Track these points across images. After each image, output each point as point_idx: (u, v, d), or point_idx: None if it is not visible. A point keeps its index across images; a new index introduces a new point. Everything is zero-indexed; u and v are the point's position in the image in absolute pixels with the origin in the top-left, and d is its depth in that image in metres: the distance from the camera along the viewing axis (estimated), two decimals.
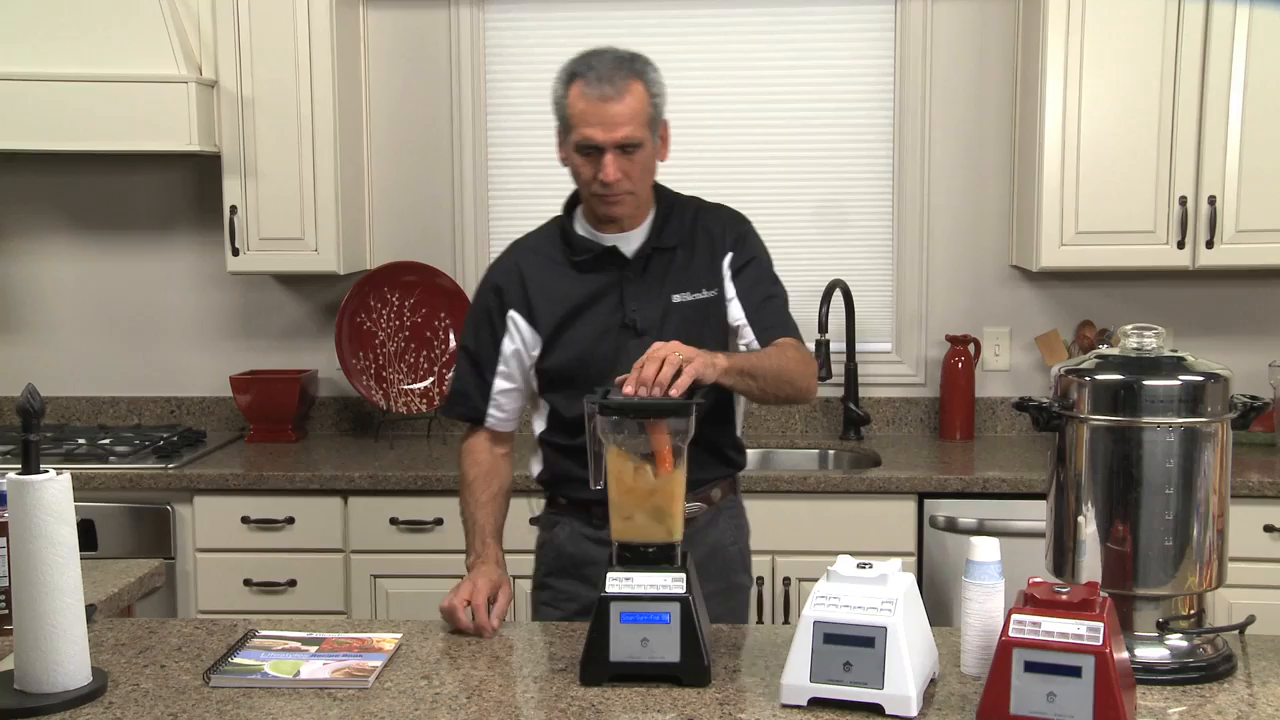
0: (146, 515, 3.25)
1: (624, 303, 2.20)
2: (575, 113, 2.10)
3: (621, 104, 2.08)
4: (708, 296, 2.22)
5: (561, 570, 2.30)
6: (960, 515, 3.12)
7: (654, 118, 2.15)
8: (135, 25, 3.28)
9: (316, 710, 1.68)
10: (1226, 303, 3.65)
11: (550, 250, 2.26)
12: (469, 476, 2.28)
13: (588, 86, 2.08)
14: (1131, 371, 1.78)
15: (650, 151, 2.17)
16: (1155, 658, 1.77)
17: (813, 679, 1.64)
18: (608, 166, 2.09)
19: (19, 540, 1.67)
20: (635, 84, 2.10)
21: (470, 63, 3.72)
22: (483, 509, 2.24)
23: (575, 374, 2.19)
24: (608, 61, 2.11)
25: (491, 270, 2.32)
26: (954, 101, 3.66)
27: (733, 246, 2.26)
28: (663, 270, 2.22)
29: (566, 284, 2.22)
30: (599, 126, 2.08)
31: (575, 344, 2.20)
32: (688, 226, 2.26)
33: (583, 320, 2.20)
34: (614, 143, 2.09)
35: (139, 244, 3.82)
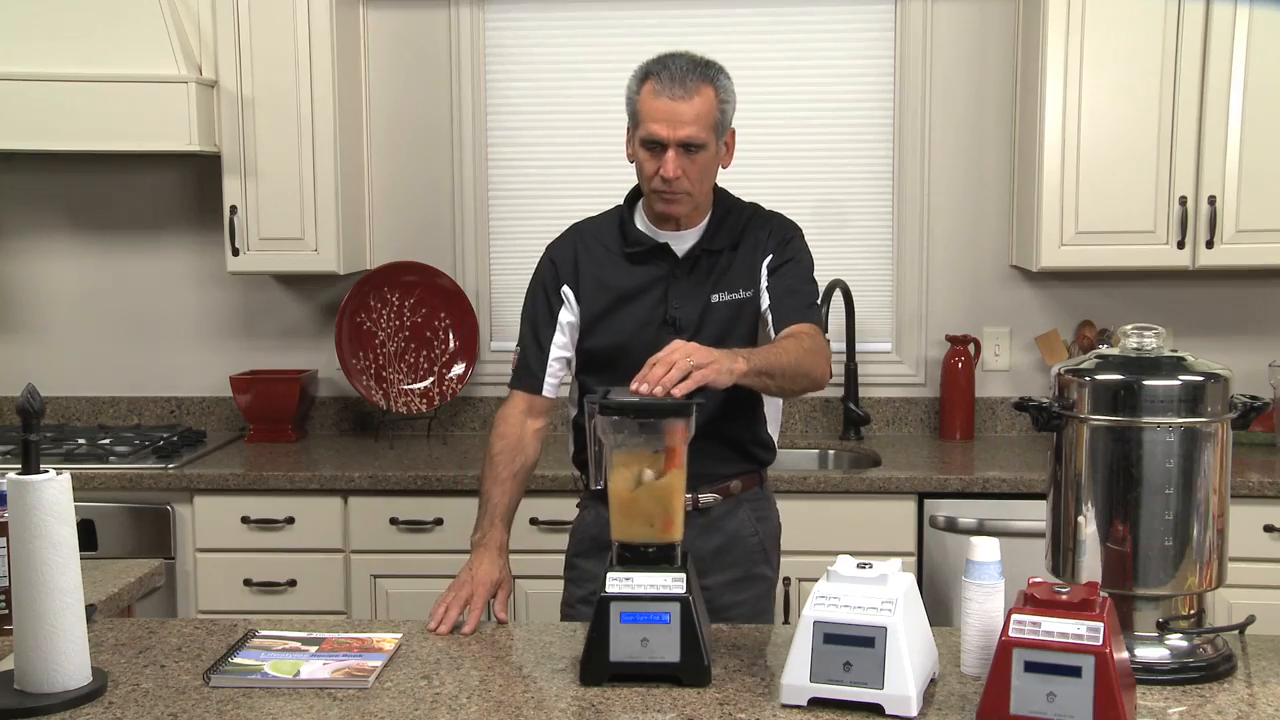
0: (146, 515, 3.25)
1: (668, 299, 2.26)
2: (644, 109, 2.18)
3: (689, 104, 2.15)
4: (744, 297, 2.28)
5: (586, 551, 2.37)
6: (960, 515, 3.12)
7: (720, 123, 2.21)
8: (135, 25, 3.28)
9: (316, 710, 1.68)
10: (1226, 303, 3.65)
11: (606, 238, 2.33)
12: (494, 449, 2.30)
13: (659, 85, 2.16)
14: (1131, 371, 1.78)
15: (712, 155, 2.23)
16: (1155, 658, 1.77)
17: (813, 679, 1.64)
18: (668, 163, 2.16)
19: (19, 540, 1.67)
20: (706, 88, 2.17)
21: (470, 63, 3.72)
22: (499, 485, 2.26)
23: (611, 360, 2.26)
24: (682, 64, 2.18)
25: (550, 247, 2.40)
26: (954, 101, 3.66)
27: (774, 249, 2.32)
28: (708, 271, 2.28)
29: (616, 273, 2.29)
30: (664, 123, 2.15)
31: (615, 332, 2.28)
32: (740, 231, 2.32)
33: (626, 310, 2.28)
34: (677, 140, 2.16)
35: (139, 244, 3.82)
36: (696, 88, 2.16)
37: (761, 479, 2.41)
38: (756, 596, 2.34)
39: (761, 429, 2.36)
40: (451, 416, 3.78)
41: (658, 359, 1.86)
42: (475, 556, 2.18)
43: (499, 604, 2.12)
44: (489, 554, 2.18)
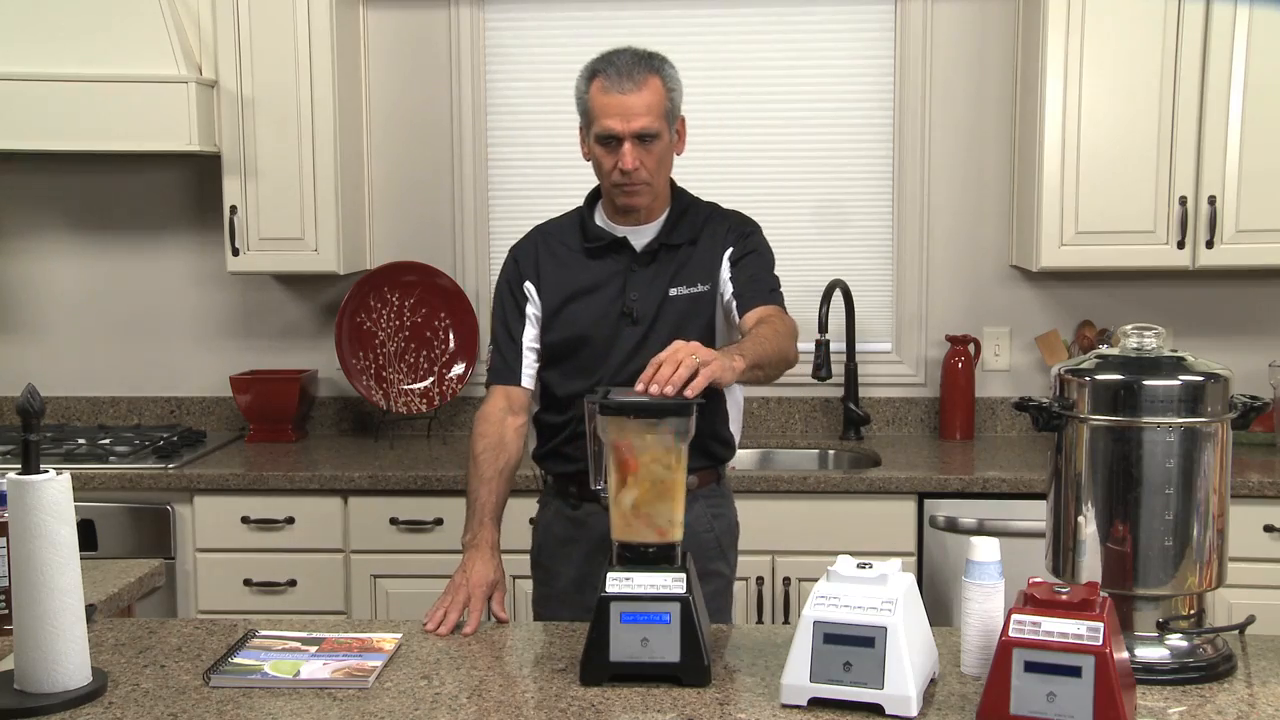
0: (146, 515, 3.25)
1: (625, 292, 2.30)
2: (596, 106, 2.23)
3: (639, 96, 2.20)
4: (701, 290, 2.32)
5: (548, 549, 2.41)
6: (960, 515, 3.12)
7: (671, 111, 2.26)
8: (135, 25, 3.28)
9: (316, 710, 1.68)
10: (1226, 303, 3.65)
11: (567, 236, 2.39)
12: (476, 449, 2.32)
13: (608, 81, 2.21)
14: (1131, 371, 1.78)
15: (667, 144, 2.28)
16: (1155, 658, 1.77)
17: (813, 679, 1.64)
18: (626, 155, 2.21)
19: (19, 540, 1.67)
20: (653, 79, 2.23)
21: (470, 63, 3.72)
22: (485, 485, 2.28)
23: (570, 352, 2.32)
24: (627, 58, 2.23)
25: (513, 248, 2.46)
26: (954, 101, 3.66)
27: (734, 242, 2.35)
28: (667, 265, 2.32)
29: (575, 268, 2.34)
30: (618, 117, 2.20)
31: (574, 324, 2.32)
32: (699, 226, 2.36)
33: (584, 303, 2.32)
34: (632, 132, 2.21)
35: (139, 244, 3.82)
36: (644, 79, 2.21)
37: (719, 476, 2.42)
38: (713, 593, 2.33)
39: (723, 426, 2.39)
40: (451, 416, 3.78)
41: (663, 359, 1.87)
42: (468, 557, 2.19)
43: (496, 603, 2.13)
44: (482, 554, 2.19)
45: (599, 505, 2.32)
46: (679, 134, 2.33)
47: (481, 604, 2.10)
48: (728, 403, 2.37)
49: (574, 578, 2.35)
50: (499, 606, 2.13)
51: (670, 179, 2.37)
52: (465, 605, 2.08)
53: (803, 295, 3.70)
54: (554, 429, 2.37)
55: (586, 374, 2.31)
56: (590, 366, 2.31)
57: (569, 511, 2.38)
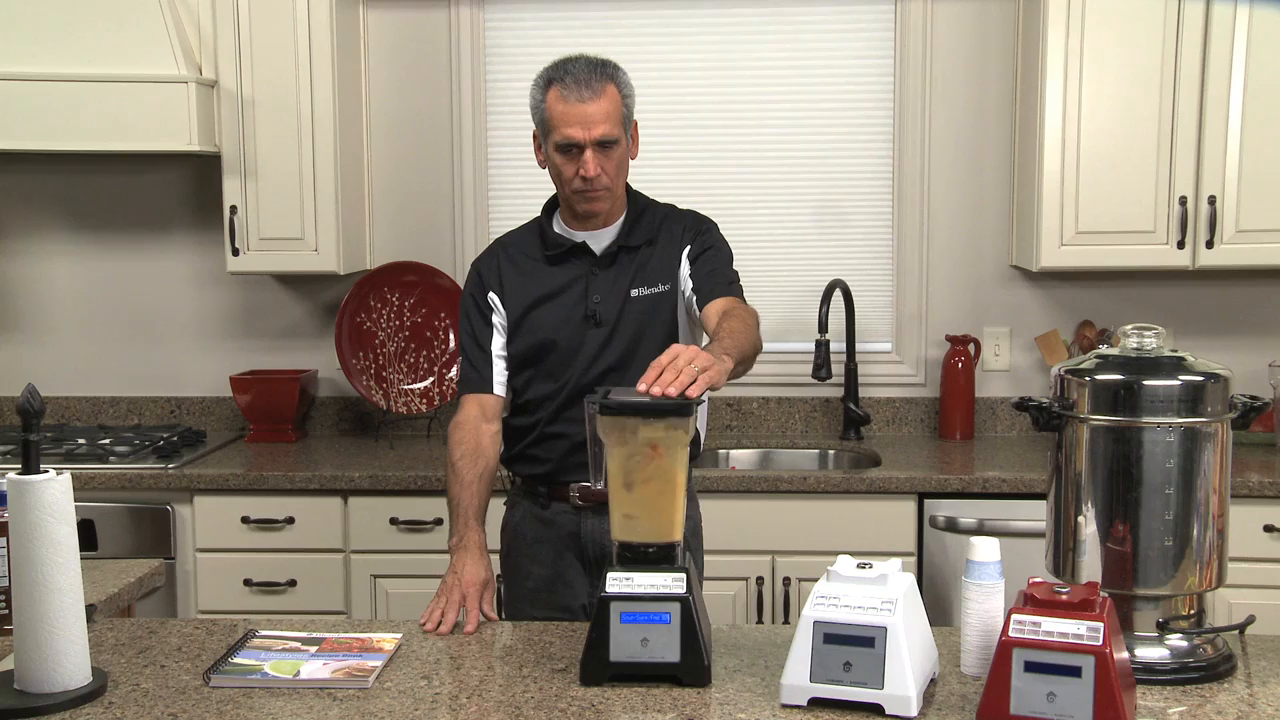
0: (146, 515, 3.25)
1: (588, 295, 2.33)
2: (555, 115, 2.24)
3: (598, 104, 2.23)
4: (662, 290, 2.35)
5: (518, 549, 2.43)
6: (960, 515, 3.12)
7: (626, 117, 2.30)
8: (135, 25, 3.28)
9: (316, 710, 1.68)
10: (1226, 303, 3.65)
11: (527, 246, 2.42)
12: (454, 457, 2.35)
13: (565, 89, 2.23)
14: (1131, 371, 1.78)
15: (624, 149, 2.31)
16: (1155, 658, 1.77)
17: (813, 679, 1.64)
18: (588, 162, 2.24)
19: (19, 540, 1.67)
20: (609, 86, 2.26)
21: (470, 63, 3.72)
22: (466, 489, 2.30)
23: (536, 357, 2.35)
24: (581, 66, 2.26)
25: (475, 262, 2.49)
26: (954, 101, 3.66)
27: (691, 240, 2.38)
28: (627, 267, 2.35)
29: (537, 275, 2.37)
30: (578, 125, 2.22)
31: (539, 330, 2.35)
32: (656, 227, 2.39)
33: (548, 308, 2.35)
34: (593, 140, 2.23)
35: (139, 244, 3.82)
36: (602, 88, 2.23)
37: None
38: None
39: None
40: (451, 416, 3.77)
41: (663, 363, 1.86)
42: (457, 559, 2.20)
43: (486, 604, 2.15)
44: (471, 555, 2.20)
45: (567, 505, 2.36)
46: (633, 138, 2.36)
47: (477, 602, 2.11)
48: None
49: (545, 577, 2.37)
50: (489, 607, 2.14)
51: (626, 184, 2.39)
52: (461, 605, 2.09)
53: (803, 295, 3.72)
54: (521, 431, 2.39)
55: (553, 377, 2.34)
56: (557, 370, 2.34)
57: (538, 511, 2.39)
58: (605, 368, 2.32)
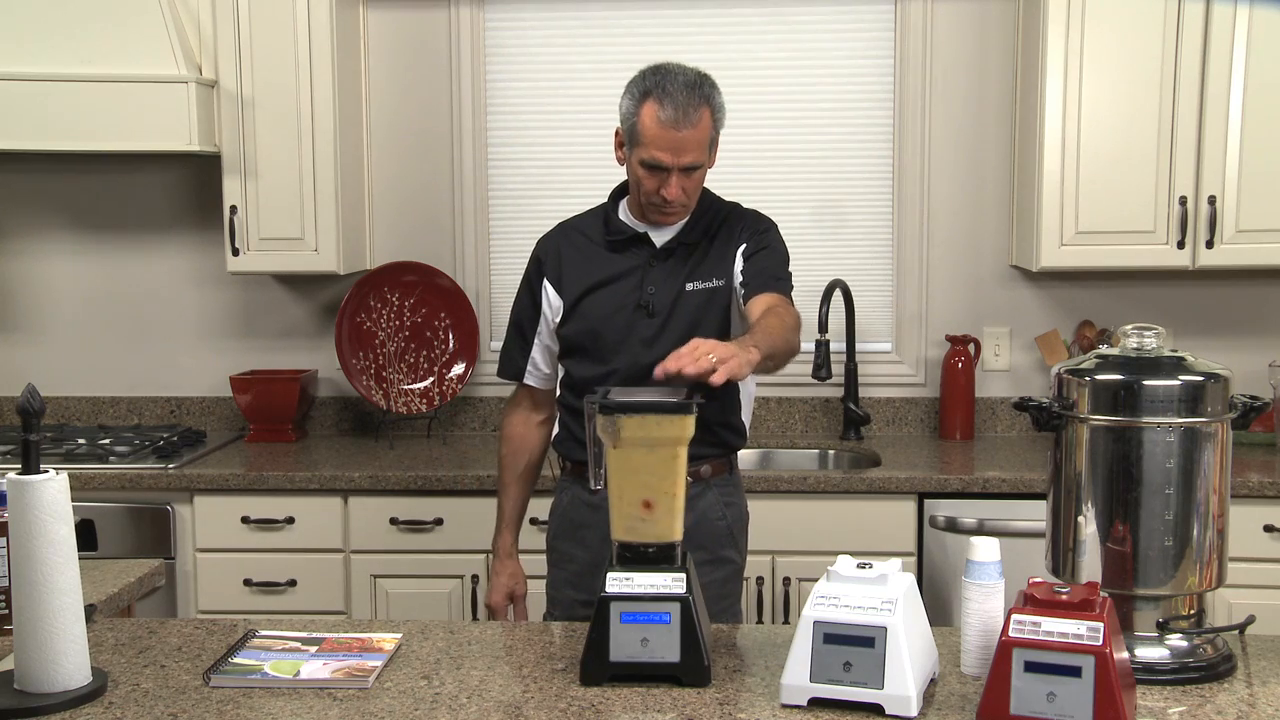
0: (146, 515, 3.25)
1: (643, 285, 2.35)
2: (647, 132, 2.23)
3: (692, 133, 2.22)
4: (716, 285, 2.36)
5: (564, 533, 2.47)
6: (960, 515, 3.12)
7: (714, 139, 2.30)
8: (135, 25, 3.28)
9: (316, 710, 1.68)
10: (1226, 303, 3.65)
11: (590, 231, 2.44)
12: (502, 453, 2.56)
13: (663, 111, 2.21)
14: (1131, 371, 1.78)
15: (706, 168, 2.33)
16: (1155, 658, 1.77)
17: (813, 679, 1.64)
18: (671, 186, 2.26)
19: (19, 540, 1.67)
20: (705, 111, 2.24)
21: (470, 63, 3.71)
22: (505, 492, 2.55)
23: (589, 342, 2.38)
24: (681, 85, 2.22)
25: (539, 243, 2.52)
26: (954, 101, 3.66)
27: (749, 238, 2.39)
28: (684, 260, 2.37)
29: (596, 261, 2.40)
30: (669, 151, 2.23)
31: (592, 315, 2.37)
32: (718, 224, 2.40)
33: (603, 294, 2.37)
34: (681, 165, 2.25)
35: (139, 244, 3.82)
36: (699, 115, 2.22)
37: (731, 465, 2.48)
38: (724, 579, 2.42)
39: (735, 414, 2.44)
40: (451, 416, 3.78)
41: (682, 353, 1.88)
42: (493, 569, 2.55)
43: (517, 613, 2.52)
44: (501, 564, 2.53)
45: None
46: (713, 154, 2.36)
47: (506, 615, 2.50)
48: (740, 392, 2.44)
49: (589, 561, 2.39)
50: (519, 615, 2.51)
51: None
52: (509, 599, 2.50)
53: (803, 295, 3.66)
54: (573, 413, 2.42)
55: (602, 362, 2.37)
56: (606, 356, 2.36)
57: (586, 497, 2.41)
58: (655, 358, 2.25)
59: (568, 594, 2.44)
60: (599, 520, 2.36)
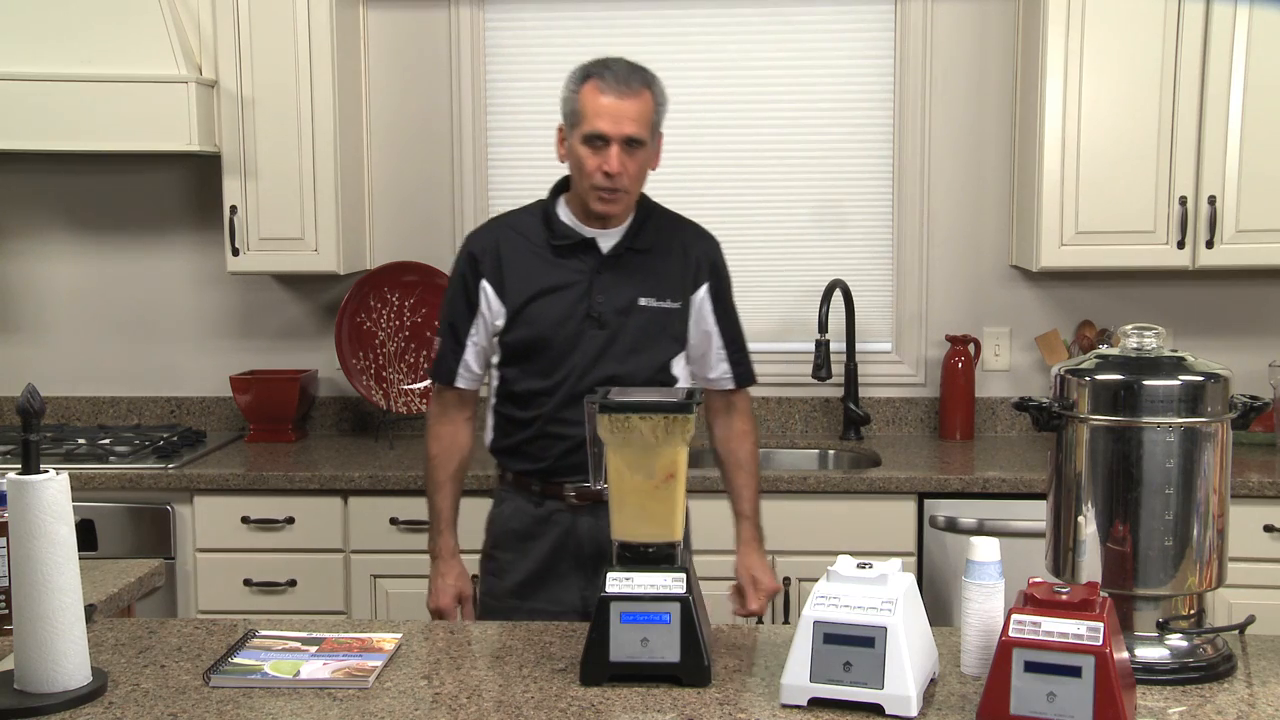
0: (146, 515, 3.25)
1: (591, 294, 2.32)
2: (588, 107, 2.25)
3: (633, 103, 2.25)
4: (671, 307, 2.36)
5: (505, 543, 2.44)
6: (960, 515, 3.12)
7: (655, 124, 2.31)
8: (135, 25, 3.28)
9: (316, 710, 1.68)
10: (1226, 303, 3.65)
11: (531, 231, 2.39)
12: (432, 452, 2.47)
13: (603, 84, 2.25)
14: (1131, 371, 1.78)
15: (647, 155, 2.31)
16: (1155, 658, 1.77)
17: (813, 679, 1.64)
18: (612, 158, 2.23)
19: (19, 540, 1.67)
20: (645, 91, 2.27)
21: (470, 63, 3.71)
22: (439, 491, 2.46)
23: (532, 351, 2.34)
24: (623, 66, 2.28)
25: (470, 240, 2.47)
26: (954, 101, 3.66)
27: (711, 275, 2.42)
28: (633, 270, 2.35)
29: (540, 266, 2.35)
30: (610, 119, 2.23)
31: (537, 323, 2.33)
32: (665, 234, 2.39)
33: (549, 302, 2.33)
34: (622, 136, 2.25)
35: (139, 244, 3.82)
36: (639, 89, 2.26)
37: None
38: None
39: None
40: None
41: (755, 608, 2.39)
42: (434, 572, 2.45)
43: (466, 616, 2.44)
44: (446, 564, 2.45)
45: (562, 502, 2.34)
46: (656, 149, 2.37)
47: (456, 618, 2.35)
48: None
49: (535, 572, 2.38)
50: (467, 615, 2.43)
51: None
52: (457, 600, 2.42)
53: (803, 295, 3.72)
54: (517, 425, 2.39)
55: (546, 374, 2.34)
56: (550, 368, 2.33)
57: (532, 509, 2.39)
58: (605, 374, 2.31)
59: (511, 603, 2.38)
60: (545, 532, 2.38)
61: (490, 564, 2.47)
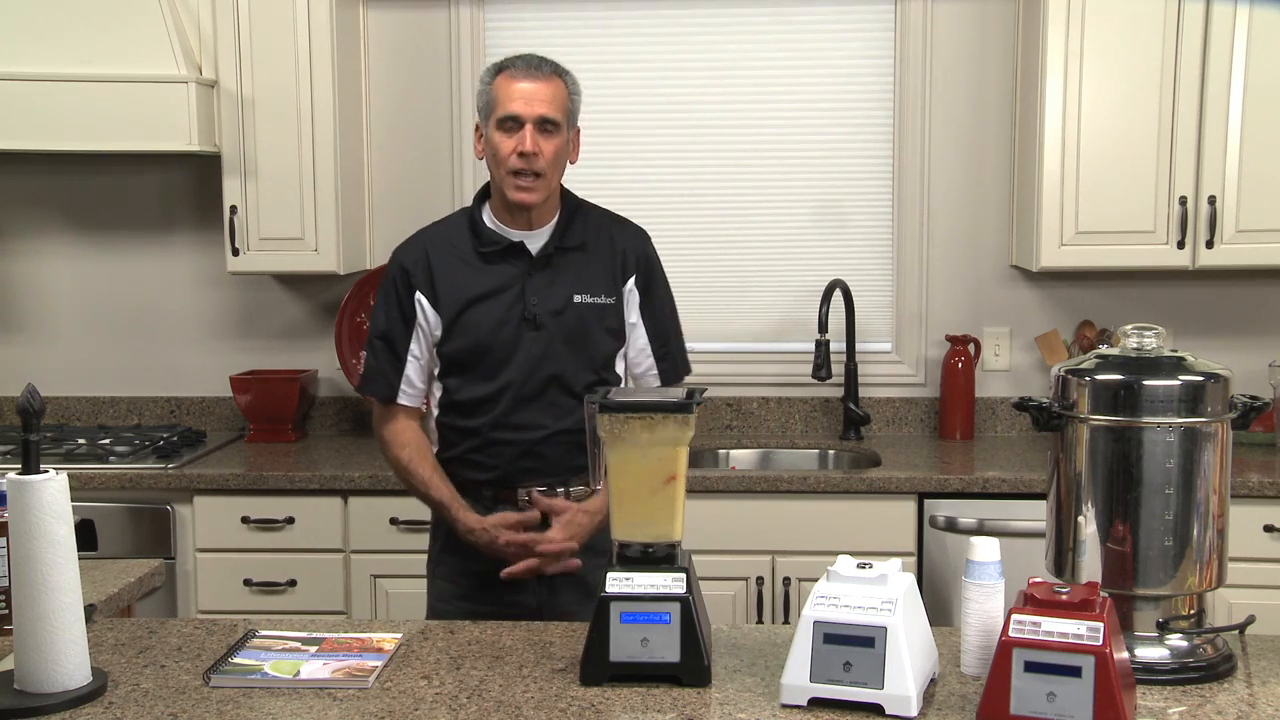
0: (146, 515, 3.25)
1: (525, 296, 2.32)
2: (500, 93, 2.28)
3: (545, 85, 2.28)
4: (605, 303, 2.35)
5: (453, 547, 2.40)
6: (960, 515, 3.12)
7: (571, 112, 2.32)
8: (135, 25, 3.28)
9: (316, 710, 1.68)
10: (1226, 303, 3.65)
11: (458, 240, 2.38)
12: (403, 459, 2.40)
13: (515, 71, 2.28)
14: (1131, 371, 1.78)
15: (564, 141, 2.31)
16: (1155, 658, 1.77)
17: (813, 679, 1.64)
18: (526, 137, 2.24)
19: (19, 540, 1.67)
20: (557, 78, 2.31)
21: (470, 63, 3.71)
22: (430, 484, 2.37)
23: (472, 360, 2.33)
24: (534, 57, 2.31)
25: (398, 252, 2.44)
26: (954, 101, 3.66)
27: (637, 267, 2.40)
28: (565, 269, 2.35)
29: (471, 273, 2.34)
30: (522, 101, 2.26)
31: (474, 331, 2.32)
32: (592, 230, 2.39)
33: (483, 309, 2.32)
34: (535, 116, 2.25)
35: (139, 244, 3.82)
36: (550, 75, 2.29)
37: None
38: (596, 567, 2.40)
39: None
40: None
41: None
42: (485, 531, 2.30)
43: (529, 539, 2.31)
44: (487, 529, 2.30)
45: (515, 508, 2.34)
46: (574, 142, 2.37)
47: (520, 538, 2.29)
48: None
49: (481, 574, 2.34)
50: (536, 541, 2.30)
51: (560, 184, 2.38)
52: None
53: (803, 295, 3.72)
54: (461, 434, 2.37)
55: (489, 380, 2.32)
56: (492, 373, 2.32)
57: (481, 511, 2.35)
58: (548, 374, 2.31)
59: (462, 606, 2.35)
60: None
61: (439, 568, 2.44)
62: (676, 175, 3.71)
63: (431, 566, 2.48)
